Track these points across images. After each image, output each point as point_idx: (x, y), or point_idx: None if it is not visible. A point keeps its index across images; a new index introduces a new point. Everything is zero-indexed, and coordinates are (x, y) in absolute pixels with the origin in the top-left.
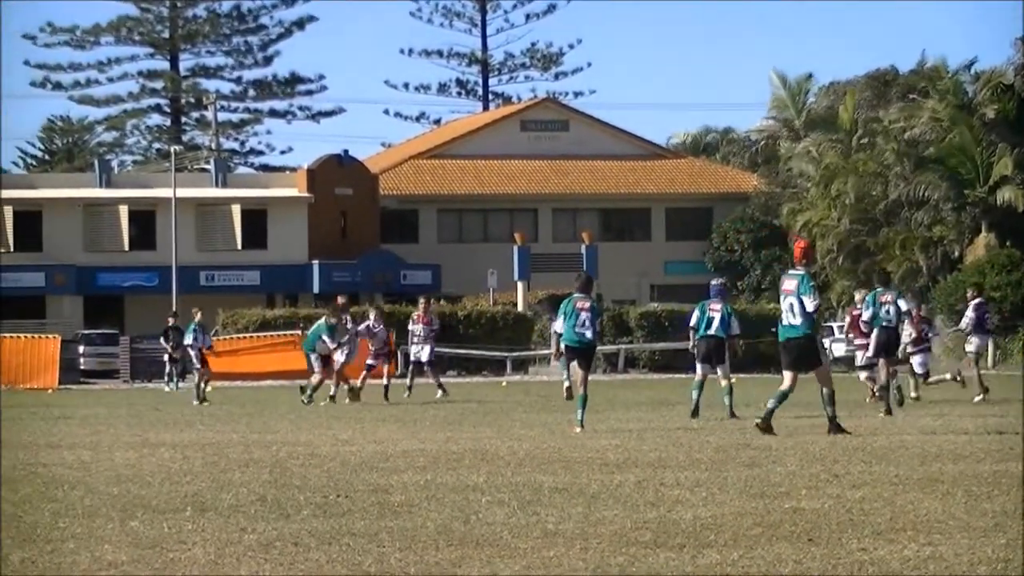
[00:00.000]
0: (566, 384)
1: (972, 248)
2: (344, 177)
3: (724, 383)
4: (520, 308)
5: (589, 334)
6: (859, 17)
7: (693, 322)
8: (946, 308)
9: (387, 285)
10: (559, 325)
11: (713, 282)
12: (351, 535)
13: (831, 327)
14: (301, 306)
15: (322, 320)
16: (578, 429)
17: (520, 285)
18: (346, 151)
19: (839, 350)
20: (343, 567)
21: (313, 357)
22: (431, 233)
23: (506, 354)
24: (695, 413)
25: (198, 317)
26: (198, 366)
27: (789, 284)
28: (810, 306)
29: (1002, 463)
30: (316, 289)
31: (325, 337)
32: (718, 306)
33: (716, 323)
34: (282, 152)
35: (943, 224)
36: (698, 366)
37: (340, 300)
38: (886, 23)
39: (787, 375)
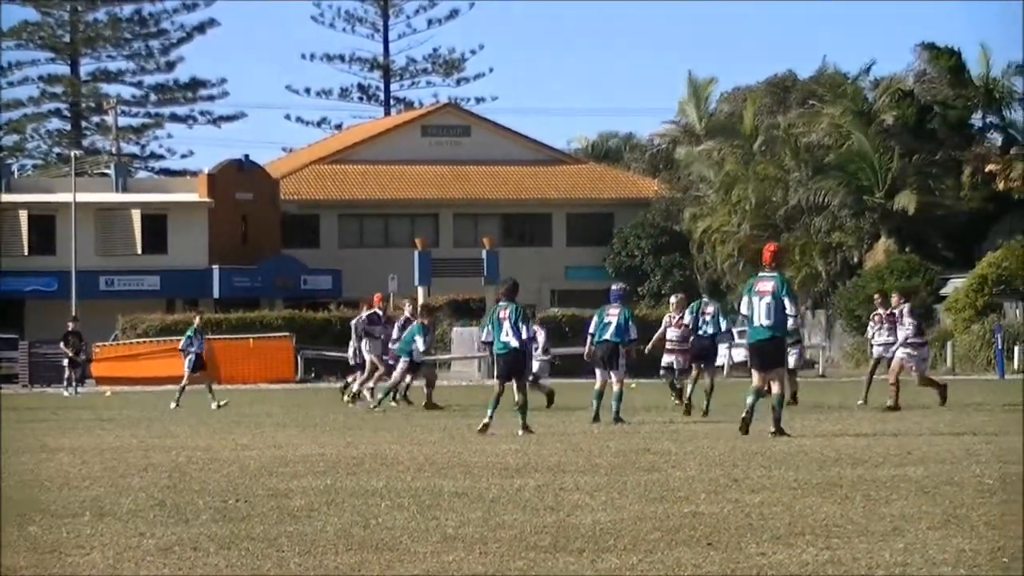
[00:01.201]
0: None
1: (871, 254)
2: (245, 182)
3: (616, 387)
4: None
5: (515, 342)
6: (759, 22)
7: (592, 328)
8: (845, 313)
9: (288, 290)
10: (486, 335)
11: (614, 287)
12: (250, 540)
13: (731, 332)
14: (201, 311)
15: (416, 323)
16: (485, 421)
17: (421, 290)
18: (247, 156)
19: (738, 355)
20: (242, 571)
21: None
22: (332, 238)
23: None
24: (596, 418)
25: (197, 322)
26: (188, 370)
27: (764, 285)
28: (790, 309)
29: (900, 467)
30: (216, 294)
31: (418, 338)
32: (615, 311)
33: (612, 328)
34: (183, 157)
35: (842, 230)
36: (597, 372)
37: (422, 301)
38: (786, 28)
39: (756, 374)
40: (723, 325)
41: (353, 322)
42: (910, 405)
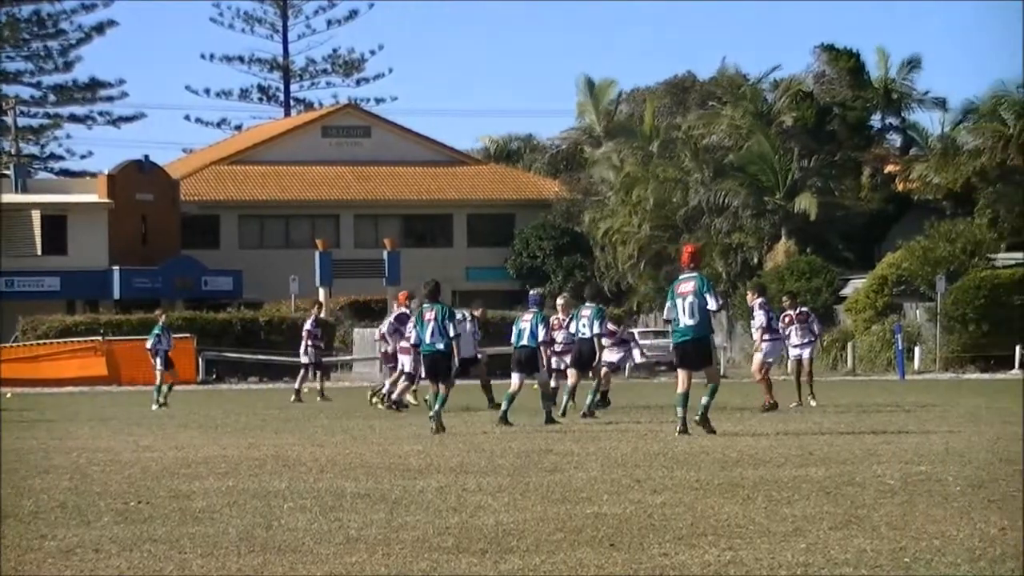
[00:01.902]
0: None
1: (771, 255)
2: (145, 183)
3: (538, 388)
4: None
5: (440, 343)
6: (658, 23)
7: (512, 335)
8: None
9: (188, 291)
10: (415, 337)
11: (532, 292)
12: (152, 541)
13: (632, 333)
14: (102, 312)
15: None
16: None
17: (322, 291)
18: (147, 157)
19: (638, 356)
20: (144, 573)
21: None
22: (232, 239)
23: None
24: (504, 420)
25: (163, 320)
26: (160, 368)
27: (686, 286)
28: (713, 306)
29: (802, 468)
30: (117, 295)
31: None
32: (529, 316)
33: (527, 334)
34: (82, 157)
35: (743, 231)
36: (514, 375)
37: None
38: (685, 30)
39: (681, 374)
40: (596, 328)
41: (383, 327)
42: (822, 405)
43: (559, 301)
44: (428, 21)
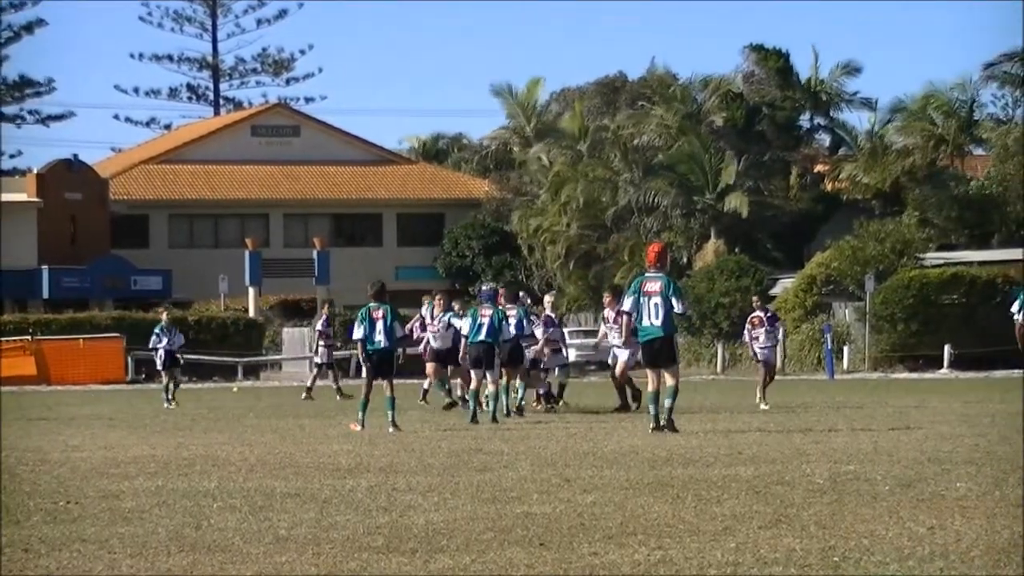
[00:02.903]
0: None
1: (701, 254)
2: (74, 182)
3: (491, 388)
4: (251, 313)
5: (386, 342)
6: (589, 22)
7: (465, 329)
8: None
9: (118, 290)
10: (359, 333)
11: (484, 287)
12: (82, 541)
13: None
14: (31, 312)
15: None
16: (357, 427)
17: (252, 290)
18: (76, 156)
19: (572, 355)
20: (74, 573)
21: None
22: (162, 238)
23: (237, 359)
24: (474, 419)
25: (165, 318)
26: (163, 367)
27: (652, 286)
28: (678, 307)
29: (731, 467)
30: (46, 295)
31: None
32: (489, 311)
33: (485, 329)
34: (11, 156)
35: (672, 230)
36: (472, 372)
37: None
38: (616, 29)
39: (651, 373)
40: (525, 327)
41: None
42: (738, 407)
43: (547, 298)
44: (357, 20)
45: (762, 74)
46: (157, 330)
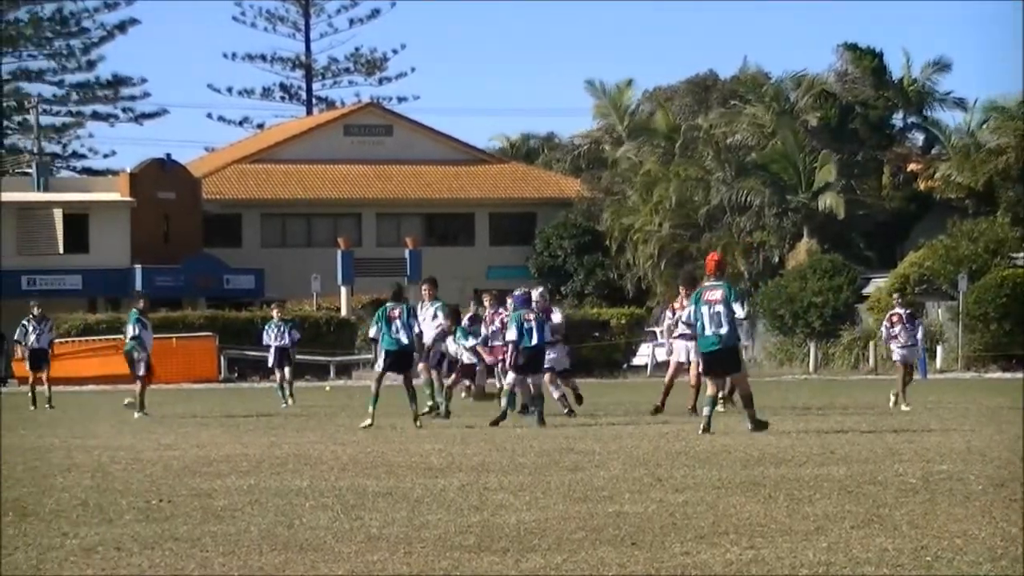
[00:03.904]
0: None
1: (793, 254)
2: (167, 181)
3: (535, 390)
4: (344, 313)
5: (404, 339)
6: (680, 22)
7: (514, 335)
8: (768, 313)
9: (210, 290)
10: (374, 331)
11: (516, 292)
12: (174, 540)
13: (654, 332)
14: (123, 311)
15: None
16: (368, 422)
17: (344, 290)
18: (169, 155)
19: (661, 355)
20: (166, 572)
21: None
22: (254, 237)
23: (329, 358)
24: (503, 416)
25: (276, 314)
26: (276, 365)
27: (713, 294)
28: (741, 313)
29: (823, 467)
30: None
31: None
32: (532, 315)
33: (536, 332)
34: (105, 156)
35: (764, 229)
36: (522, 378)
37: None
38: (707, 28)
39: (709, 381)
40: (546, 334)
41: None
42: (832, 405)
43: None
44: (450, 20)
45: (856, 73)
46: (268, 327)
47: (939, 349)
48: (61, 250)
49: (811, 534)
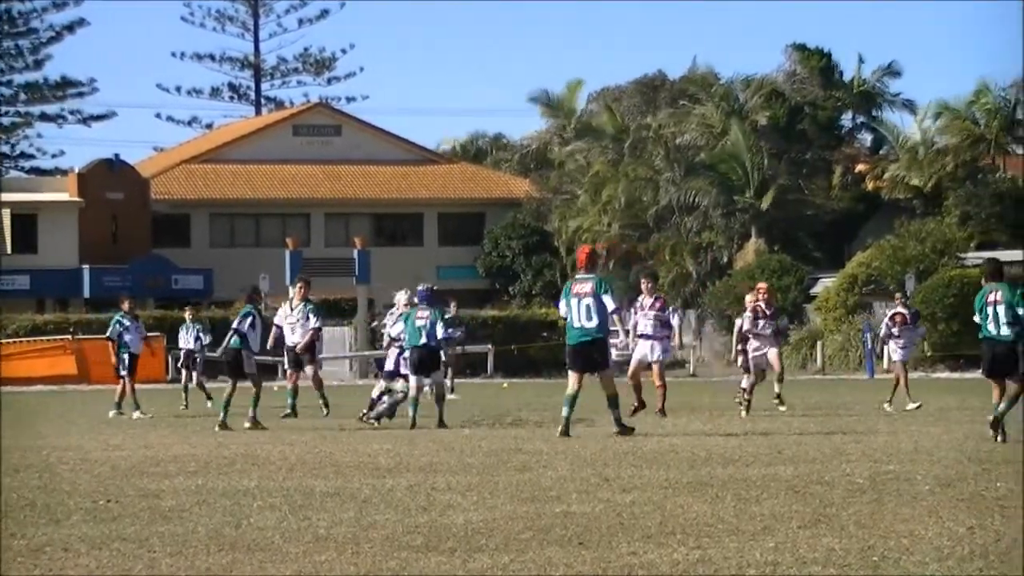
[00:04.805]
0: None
1: (742, 254)
2: (115, 181)
3: (427, 391)
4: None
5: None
6: (628, 22)
7: (404, 333)
8: (716, 313)
9: (159, 290)
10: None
11: (420, 287)
12: (121, 540)
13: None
14: (72, 311)
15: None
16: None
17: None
18: (117, 155)
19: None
20: (113, 572)
21: None
22: (203, 238)
23: (278, 359)
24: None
25: (188, 316)
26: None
27: (582, 287)
28: (611, 305)
29: (771, 467)
30: (87, 294)
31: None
32: (425, 314)
33: (426, 332)
34: (53, 156)
35: (712, 229)
36: (412, 378)
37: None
38: (657, 28)
39: (572, 376)
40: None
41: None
42: (793, 405)
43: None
44: (399, 20)
45: (804, 73)
46: (181, 329)
47: (885, 349)
48: (9, 250)
49: (758, 534)
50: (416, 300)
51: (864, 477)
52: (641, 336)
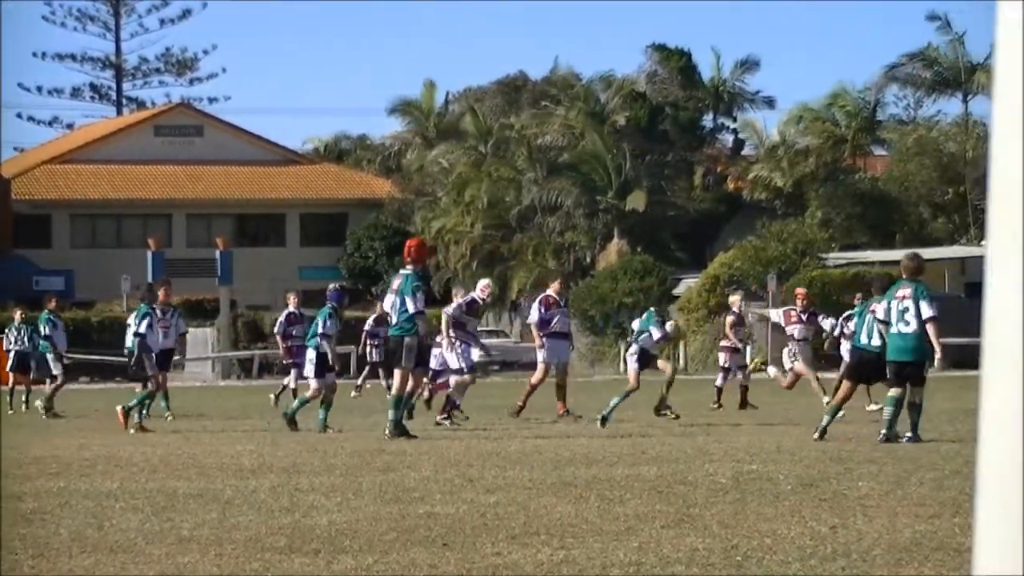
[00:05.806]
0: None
1: (604, 254)
2: None
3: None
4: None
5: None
6: (490, 22)
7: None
8: (579, 314)
9: (19, 290)
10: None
11: (331, 287)
12: None
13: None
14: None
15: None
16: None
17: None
18: None
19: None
20: None
21: None
22: (64, 238)
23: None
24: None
25: (17, 316)
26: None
27: (396, 282)
28: (411, 307)
29: (634, 467)
30: None
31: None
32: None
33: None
34: None
35: (575, 229)
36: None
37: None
38: (517, 30)
39: (400, 375)
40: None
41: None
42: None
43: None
44: (261, 21)
45: (664, 74)
46: (8, 330)
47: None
48: None
49: (622, 534)
50: (331, 300)
51: (727, 477)
52: (551, 336)
